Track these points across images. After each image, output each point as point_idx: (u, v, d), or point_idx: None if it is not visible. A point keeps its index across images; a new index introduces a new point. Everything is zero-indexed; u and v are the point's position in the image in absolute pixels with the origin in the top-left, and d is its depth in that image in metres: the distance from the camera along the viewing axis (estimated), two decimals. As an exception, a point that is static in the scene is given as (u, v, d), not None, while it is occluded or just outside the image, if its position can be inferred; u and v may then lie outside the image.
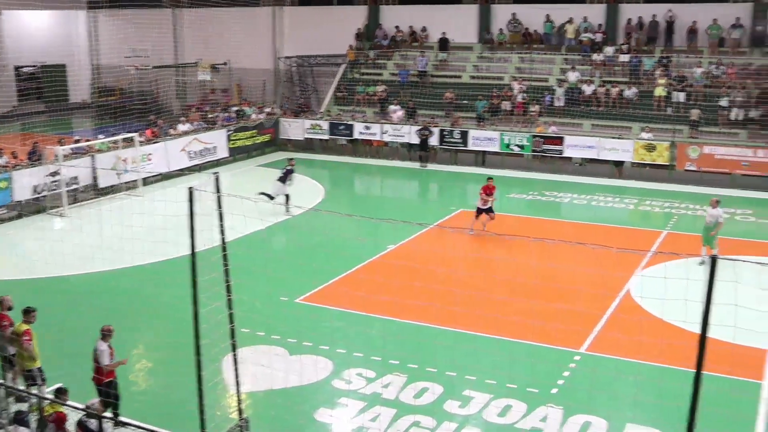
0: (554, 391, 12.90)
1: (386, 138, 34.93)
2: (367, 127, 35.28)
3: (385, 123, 35.13)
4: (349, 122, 35.65)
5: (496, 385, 12.99)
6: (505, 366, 13.81)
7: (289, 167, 24.83)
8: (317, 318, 16.08)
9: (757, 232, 23.29)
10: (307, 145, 36.55)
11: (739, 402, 12.55)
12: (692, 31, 35.45)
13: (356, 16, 42.28)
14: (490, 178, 23.27)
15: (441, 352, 14.31)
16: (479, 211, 22.57)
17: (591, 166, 31.65)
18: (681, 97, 32.61)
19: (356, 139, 35.57)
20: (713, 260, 7.61)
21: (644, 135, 31.16)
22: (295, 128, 36.72)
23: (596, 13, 37.59)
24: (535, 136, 32.17)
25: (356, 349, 14.38)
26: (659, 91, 32.93)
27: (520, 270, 19.19)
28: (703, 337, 7.61)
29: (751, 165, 29.21)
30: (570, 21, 37.57)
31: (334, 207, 25.91)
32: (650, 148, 30.51)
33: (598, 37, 36.75)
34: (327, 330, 15.42)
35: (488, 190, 22.61)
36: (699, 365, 7.62)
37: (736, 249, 19.25)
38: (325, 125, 36.08)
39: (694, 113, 31.50)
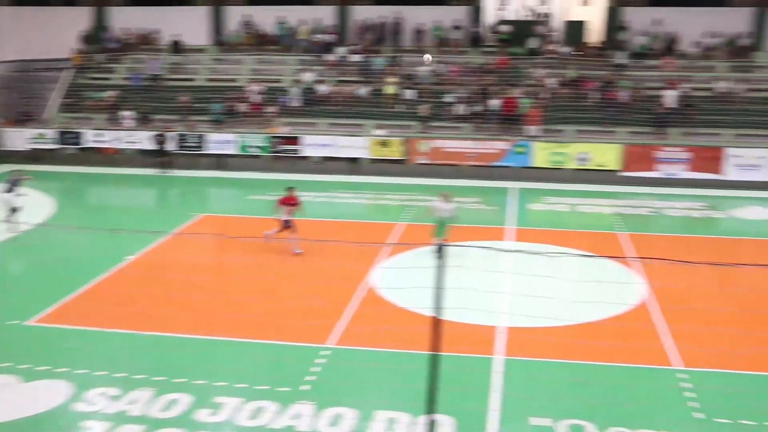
0: (305, 387, 13.00)
1: (120, 145, 33.56)
2: (99, 135, 33.71)
3: (117, 129, 33.73)
4: (79, 130, 33.83)
5: (247, 388, 12.87)
6: (255, 368, 13.77)
7: (14, 178, 23.08)
8: (53, 339, 15.05)
9: (483, 219, 24.98)
10: (33, 156, 34.15)
11: (474, 376, 13.39)
12: (418, 32, 37.42)
13: (80, 18, 40.15)
14: (291, 187, 20.69)
15: (189, 361, 13.96)
16: (286, 224, 20.27)
17: (329, 163, 32.38)
18: (410, 94, 34.23)
19: (88, 148, 33.82)
20: (441, 248, 8.05)
21: (378, 132, 32.44)
22: (17, 138, 34.24)
23: (327, 15, 38.52)
24: (273, 137, 32.40)
25: (98, 368, 13.62)
26: (390, 89, 34.36)
27: (263, 271, 19.24)
28: (436, 320, 8.02)
29: (476, 156, 31.40)
30: (303, 22, 38.16)
31: (67, 220, 24.50)
32: (384, 144, 31.81)
33: (330, 38, 37.66)
34: (64, 351, 14.48)
35: (290, 201, 20.34)
36: (434, 347, 8.02)
37: (465, 235, 20.46)
38: (51, 134, 33.98)
39: (423, 109, 33.20)
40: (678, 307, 16.70)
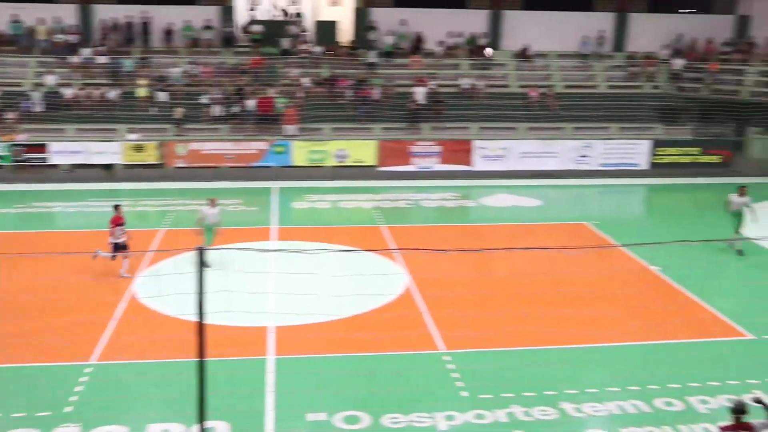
0: (68, 409, 12.27)
1: None
2: None
3: None
4: None
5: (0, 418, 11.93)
6: (9, 394, 12.75)
7: None
8: None
9: (247, 220, 24.81)
10: None
11: (247, 379, 13.29)
12: (168, 32, 36.39)
13: None
14: (117, 206, 19.25)
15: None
16: (116, 248, 18.63)
17: (80, 171, 30.68)
18: (163, 96, 33.25)
19: None
20: (201, 252, 7.87)
21: (131, 136, 31.22)
22: None
23: (68, 14, 36.44)
24: (14, 145, 30.20)
25: None
26: (141, 92, 33.18)
27: (14, 289, 17.88)
28: (200, 326, 7.84)
29: (235, 157, 31.14)
30: (41, 21, 35.86)
31: None
32: (139, 149, 30.69)
33: (73, 38, 35.67)
34: None
35: (119, 221, 18.81)
36: (200, 353, 7.84)
37: (229, 238, 20.25)
38: None
39: (178, 112, 32.39)
40: (438, 293, 17.50)
